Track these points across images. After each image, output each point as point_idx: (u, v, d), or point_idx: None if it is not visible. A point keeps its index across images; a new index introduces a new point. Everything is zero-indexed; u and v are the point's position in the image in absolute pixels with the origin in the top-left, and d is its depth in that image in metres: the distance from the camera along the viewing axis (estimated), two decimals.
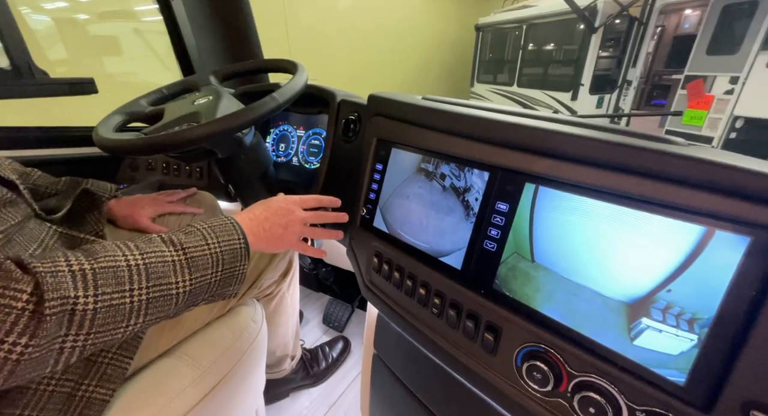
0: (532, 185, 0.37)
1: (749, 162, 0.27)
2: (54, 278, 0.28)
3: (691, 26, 5.55)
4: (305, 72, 0.63)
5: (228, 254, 0.40)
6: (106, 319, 0.31)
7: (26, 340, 0.26)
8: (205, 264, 0.38)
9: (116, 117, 0.60)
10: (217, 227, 0.41)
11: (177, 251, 0.37)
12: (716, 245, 0.26)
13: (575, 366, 0.33)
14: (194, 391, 0.45)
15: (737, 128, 3.52)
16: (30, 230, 0.40)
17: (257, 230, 0.46)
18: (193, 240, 0.39)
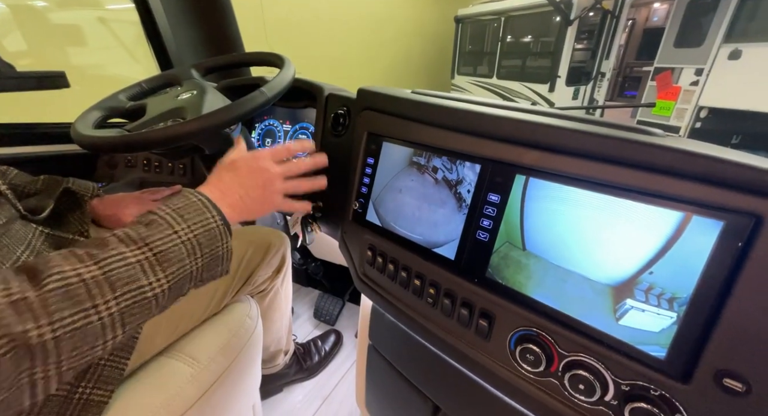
0: (523, 177, 0.38)
1: (720, 151, 0.29)
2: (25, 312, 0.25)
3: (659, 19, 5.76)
4: (292, 66, 0.63)
5: (204, 238, 0.36)
6: (76, 343, 0.28)
7: None
8: (180, 256, 0.34)
9: (94, 113, 0.57)
10: (183, 209, 0.36)
11: (140, 249, 0.32)
12: (693, 230, 0.28)
13: (565, 347, 0.35)
14: (193, 389, 0.45)
15: (702, 117, 3.71)
16: (16, 232, 0.38)
17: (232, 200, 0.41)
18: (158, 232, 0.34)
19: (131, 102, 0.63)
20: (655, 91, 4.06)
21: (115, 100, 0.62)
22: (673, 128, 3.91)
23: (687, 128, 3.80)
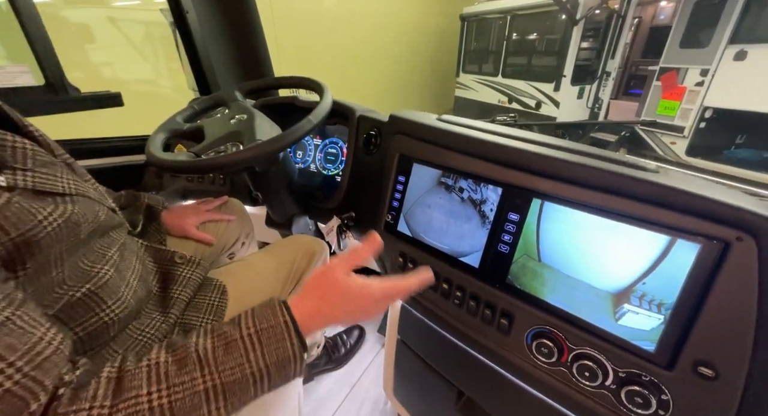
0: (539, 201, 0.46)
1: (701, 187, 0.36)
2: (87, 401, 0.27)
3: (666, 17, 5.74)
4: (330, 92, 0.70)
5: (274, 367, 0.34)
6: None
7: None
8: (245, 386, 0.33)
9: (160, 135, 0.65)
10: (265, 332, 0.35)
11: (211, 376, 0.32)
12: (677, 250, 0.36)
13: (574, 342, 0.43)
14: None
15: (707, 118, 3.74)
16: (129, 247, 0.46)
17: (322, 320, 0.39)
18: (232, 359, 0.33)
19: (188, 124, 0.71)
20: (660, 91, 4.10)
21: (174, 123, 0.70)
22: (677, 127, 3.95)
23: (691, 128, 3.83)
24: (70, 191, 0.36)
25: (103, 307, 0.39)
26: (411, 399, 0.72)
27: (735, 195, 0.35)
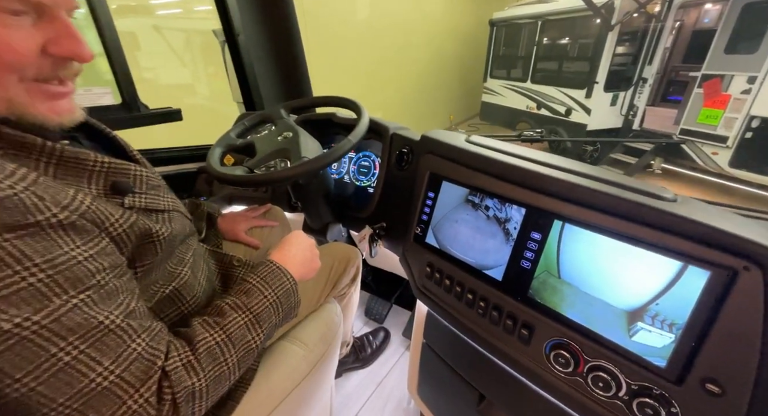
0: (560, 222, 0.50)
1: (713, 217, 0.39)
2: (177, 374, 0.36)
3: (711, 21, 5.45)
4: (366, 112, 0.77)
5: (283, 297, 0.50)
6: (216, 387, 0.40)
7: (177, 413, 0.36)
8: (269, 314, 0.47)
9: (218, 150, 0.74)
10: (268, 277, 0.50)
11: (245, 313, 0.45)
12: (689, 276, 0.39)
13: (590, 354, 0.47)
14: (305, 365, 0.62)
15: (753, 127, 3.53)
16: (198, 251, 0.54)
17: (298, 267, 0.55)
18: (254, 299, 0.47)
19: (240, 139, 0.80)
20: (702, 99, 3.91)
21: (229, 139, 0.79)
22: (719, 137, 3.76)
23: (736, 138, 3.63)
24: (168, 208, 0.45)
25: (183, 302, 0.48)
26: (434, 399, 0.77)
27: (747, 226, 0.38)
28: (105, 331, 0.32)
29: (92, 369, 0.31)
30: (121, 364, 0.33)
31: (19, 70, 0.33)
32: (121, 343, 0.33)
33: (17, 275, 0.28)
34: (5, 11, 0.31)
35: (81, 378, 0.31)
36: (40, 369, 0.29)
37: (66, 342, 0.30)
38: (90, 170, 0.38)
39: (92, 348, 0.31)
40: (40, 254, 0.29)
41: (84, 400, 0.31)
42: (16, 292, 0.28)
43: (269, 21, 1.03)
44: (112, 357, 0.32)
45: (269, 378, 0.58)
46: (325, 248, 0.81)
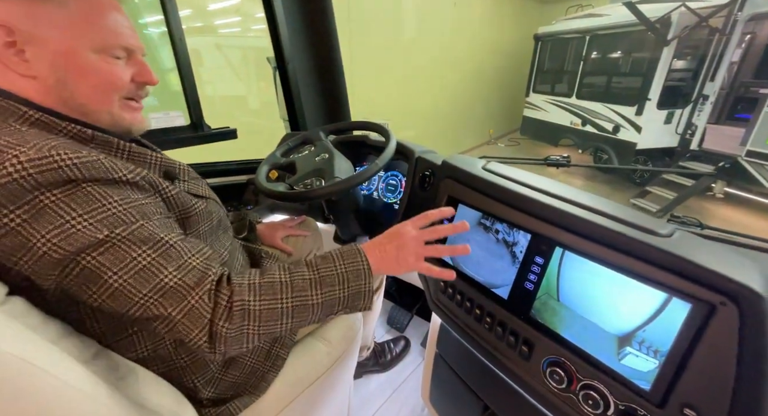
0: (560, 249, 0.54)
1: (703, 253, 0.42)
2: (239, 288, 0.44)
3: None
4: (395, 138, 0.85)
5: (352, 274, 0.50)
6: (268, 317, 0.45)
7: (226, 323, 0.43)
8: (333, 282, 0.49)
9: (265, 167, 0.87)
10: (345, 252, 0.52)
11: (313, 271, 0.49)
12: (672, 307, 0.42)
13: (582, 373, 0.51)
14: (328, 360, 0.71)
15: None
16: (234, 244, 0.66)
17: (377, 253, 0.54)
18: (325, 263, 0.51)
19: (284, 158, 0.92)
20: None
21: (274, 158, 0.91)
22: None
23: None
24: (206, 195, 0.59)
25: None
26: (444, 406, 0.82)
27: (735, 262, 0.41)
28: (167, 245, 0.44)
29: (161, 271, 0.42)
30: (181, 271, 0.43)
31: (120, 92, 0.50)
32: (179, 256, 0.44)
33: (104, 207, 0.41)
34: (112, 55, 0.48)
35: (154, 277, 0.42)
36: (128, 266, 0.41)
37: (141, 250, 0.42)
38: (149, 162, 0.52)
39: (160, 256, 0.43)
40: (118, 195, 0.42)
41: (160, 294, 0.42)
42: (105, 217, 0.40)
43: (315, 52, 1.16)
44: (174, 265, 0.43)
45: (296, 367, 0.67)
46: None
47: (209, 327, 0.43)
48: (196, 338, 0.42)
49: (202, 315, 0.42)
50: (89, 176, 0.40)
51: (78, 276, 0.40)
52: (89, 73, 0.46)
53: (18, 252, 0.38)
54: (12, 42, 0.43)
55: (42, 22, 0.43)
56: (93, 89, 0.47)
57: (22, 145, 0.38)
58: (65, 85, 0.46)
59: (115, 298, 0.41)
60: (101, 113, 0.49)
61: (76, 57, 0.45)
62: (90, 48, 0.46)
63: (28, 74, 0.44)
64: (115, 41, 0.47)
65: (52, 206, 0.38)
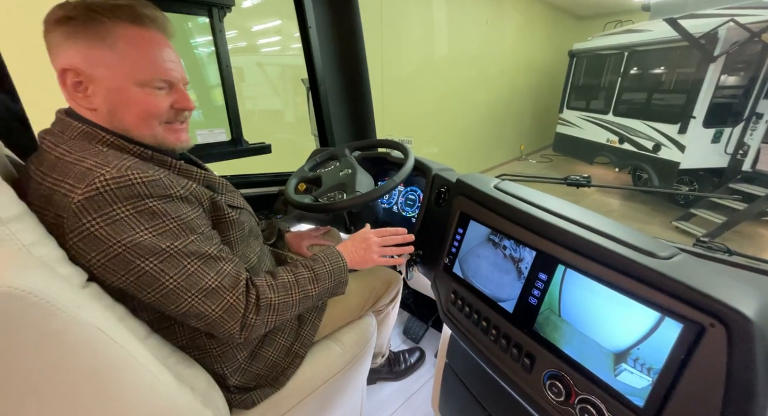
0: (563, 267, 0.57)
1: (696, 276, 0.44)
2: (262, 288, 0.58)
3: None
4: (413, 156, 0.91)
5: (336, 270, 0.69)
6: (283, 308, 0.60)
7: (256, 316, 0.56)
8: (324, 277, 0.67)
9: (293, 181, 0.96)
10: (329, 255, 0.71)
11: (309, 271, 0.66)
12: (665, 327, 0.44)
13: (580, 387, 0.52)
14: (341, 361, 0.76)
15: None
16: (263, 250, 0.75)
17: (349, 254, 0.74)
18: (318, 265, 0.68)
19: (311, 172, 1.00)
20: None
21: (303, 172, 1.00)
22: None
23: None
24: (240, 205, 0.68)
25: None
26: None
27: (728, 285, 0.42)
28: (208, 256, 0.54)
29: (205, 276, 0.53)
30: (220, 275, 0.54)
31: (160, 118, 0.58)
32: (217, 264, 0.55)
33: (164, 223, 0.50)
34: (154, 87, 0.56)
35: (200, 280, 0.52)
36: (180, 272, 0.51)
37: (190, 259, 0.52)
38: (195, 177, 0.61)
39: (204, 265, 0.53)
40: (174, 212, 0.51)
41: (204, 293, 0.52)
42: (165, 231, 0.50)
43: (345, 75, 1.26)
44: (215, 271, 0.54)
45: (313, 366, 0.73)
46: (372, 270, 0.96)
47: (242, 320, 0.55)
48: (231, 329, 0.54)
49: (237, 310, 0.54)
50: (152, 193, 0.50)
51: (140, 277, 0.49)
52: (133, 104, 0.54)
53: (93, 252, 0.47)
54: (79, 81, 0.52)
55: (97, 64, 0.52)
56: (136, 117, 0.55)
57: (106, 165, 0.47)
58: (115, 114, 0.54)
59: (167, 297, 0.51)
60: (145, 137, 0.57)
61: (123, 91, 0.54)
62: (134, 82, 0.54)
63: (90, 107, 0.54)
64: (156, 75, 0.55)
65: (126, 218, 0.47)
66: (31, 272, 0.32)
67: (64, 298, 0.34)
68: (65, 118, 0.54)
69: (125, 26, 0.52)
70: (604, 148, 5.45)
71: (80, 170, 0.47)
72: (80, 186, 0.45)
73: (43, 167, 0.50)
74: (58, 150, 0.50)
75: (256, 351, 0.68)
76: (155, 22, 0.55)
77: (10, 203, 0.43)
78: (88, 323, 0.35)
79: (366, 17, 1.23)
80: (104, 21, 0.51)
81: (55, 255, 0.45)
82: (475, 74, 5.49)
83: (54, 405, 0.35)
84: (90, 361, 0.36)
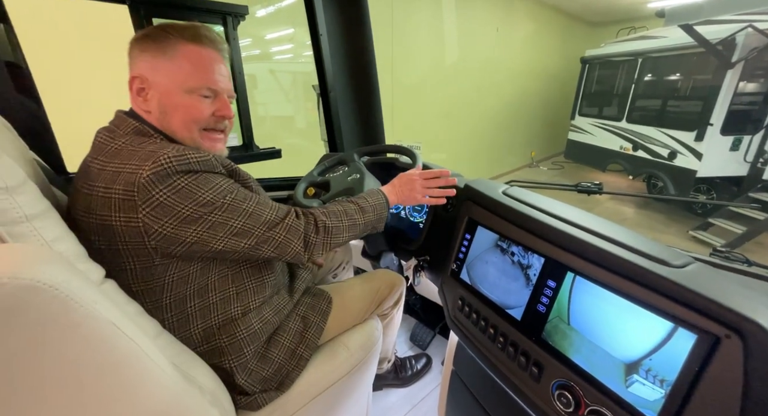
0: (572, 274, 0.56)
1: (711, 286, 0.43)
2: (318, 213, 0.69)
3: None
4: (421, 161, 0.91)
5: (378, 205, 0.78)
6: (335, 232, 0.69)
7: (316, 235, 0.66)
8: (368, 210, 0.76)
9: (303, 185, 0.97)
10: (372, 193, 0.80)
11: (355, 205, 0.76)
12: (678, 337, 0.43)
13: (590, 398, 0.51)
14: (346, 366, 0.76)
15: None
16: None
17: (395, 192, 0.83)
18: (361, 200, 0.77)
19: (320, 177, 1.01)
20: None
21: (312, 176, 1.01)
22: None
23: None
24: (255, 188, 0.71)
25: (269, 273, 0.72)
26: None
27: (744, 295, 0.41)
28: (257, 198, 0.63)
29: (263, 212, 0.63)
30: (273, 209, 0.64)
31: (200, 123, 0.64)
32: (267, 203, 0.65)
33: (218, 185, 0.59)
34: (201, 95, 0.63)
35: (260, 216, 0.62)
36: (242, 214, 0.60)
37: (246, 203, 0.61)
38: None
39: (257, 205, 0.62)
40: (222, 179, 0.60)
41: (267, 225, 0.62)
42: (220, 190, 0.58)
43: (355, 81, 1.28)
44: (268, 207, 0.64)
45: (318, 369, 0.73)
46: (375, 273, 0.96)
47: (304, 238, 0.66)
48: (296, 246, 0.64)
49: (297, 229, 0.65)
50: (205, 168, 0.58)
51: (210, 227, 0.57)
52: (180, 108, 0.62)
53: (165, 217, 0.54)
54: (142, 87, 0.61)
55: (158, 72, 0.61)
56: (181, 120, 0.63)
57: (164, 148, 0.55)
58: (164, 116, 0.62)
59: (237, 235, 0.59)
60: (185, 140, 0.64)
61: (173, 96, 0.61)
62: (184, 89, 0.61)
63: (146, 109, 0.62)
64: (203, 83, 0.62)
65: (187, 186, 0.55)
66: (54, 267, 0.33)
67: (83, 293, 0.35)
68: (123, 115, 0.62)
69: (185, 43, 0.61)
70: (617, 155, 5.36)
71: (144, 153, 0.55)
72: (147, 164, 0.53)
73: (103, 155, 0.57)
74: (118, 142, 0.58)
75: (262, 351, 0.69)
76: (213, 43, 0.64)
77: (35, 202, 0.45)
78: (103, 318, 0.36)
79: (377, 25, 1.25)
80: (171, 38, 0.61)
81: (74, 251, 0.47)
82: (486, 81, 5.49)
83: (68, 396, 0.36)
84: (104, 355, 0.37)
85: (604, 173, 5.79)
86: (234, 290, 0.66)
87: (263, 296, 0.70)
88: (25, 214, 0.42)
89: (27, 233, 0.42)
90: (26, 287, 0.30)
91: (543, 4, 6.15)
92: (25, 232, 0.42)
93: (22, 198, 0.42)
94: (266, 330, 0.70)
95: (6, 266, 0.31)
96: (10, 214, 0.40)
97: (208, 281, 0.63)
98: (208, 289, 0.64)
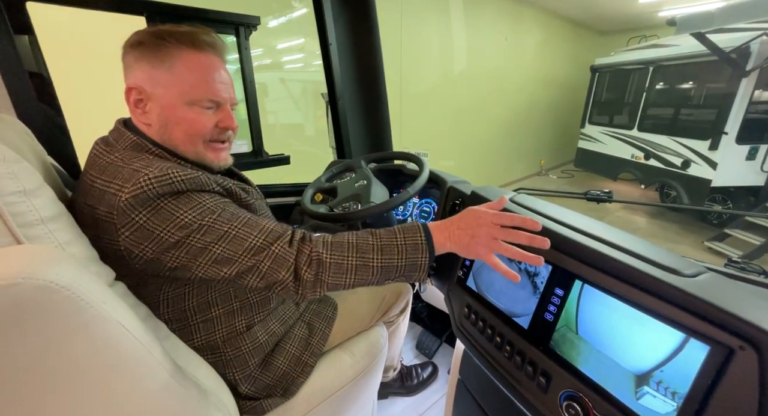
0: (580, 282, 0.55)
1: (724, 297, 0.42)
2: (315, 242, 0.55)
3: None
4: (428, 167, 0.92)
5: (411, 247, 0.56)
6: (336, 270, 0.54)
7: (308, 269, 0.53)
8: (392, 251, 0.56)
9: (310, 191, 0.98)
10: (407, 228, 0.59)
11: (376, 239, 0.57)
12: (690, 348, 0.42)
13: (599, 410, 0.50)
14: (351, 372, 0.76)
15: None
16: None
17: (447, 232, 0.58)
18: (387, 234, 0.58)
19: (328, 183, 1.02)
20: None
21: (319, 182, 1.02)
22: None
23: None
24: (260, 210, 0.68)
25: None
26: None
27: (759, 306, 0.40)
28: (247, 219, 0.56)
29: (249, 236, 0.54)
30: (263, 233, 0.54)
31: (204, 136, 0.62)
32: (257, 225, 0.56)
33: (201, 204, 0.54)
34: (203, 107, 0.60)
35: (244, 241, 0.54)
36: (224, 238, 0.53)
37: (230, 225, 0.54)
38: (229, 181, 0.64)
39: (244, 227, 0.55)
40: (209, 198, 0.55)
41: (251, 252, 0.53)
42: (203, 210, 0.53)
43: (363, 90, 1.30)
44: (257, 230, 0.55)
45: (323, 375, 0.73)
46: None
47: (294, 269, 0.54)
48: (284, 278, 0.53)
49: (285, 259, 0.53)
50: (191, 187, 0.54)
51: (189, 252, 0.52)
52: (182, 122, 0.59)
53: (146, 241, 0.51)
54: (140, 99, 0.58)
55: (156, 84, 0.57)
56: (183, 134, 0.60)
57: (148, 167, 0.52)
58: (165, 130, 0.60)
59: (218, 262, 0.53)
60: (188, 153, 0.62)
61: (174, 109, 0.59)
62: (184, 102, 0.59)
63: (146, 122, 0.60)
64: (205, 95, 0.60)
65: (167, 207, 0.52)
66: (67, 269, 0.34)
67: (93, 294, 0.36)
68: (122, 128, 0.59)
69: (184, 50, 0.58)
70: (628, 164, 5.28)
71: (128, 172, 0.52)
72: (127, 185, 0.50)
73: (94, 169, 0.55)
74: (111, 157, 0.55)
75: (267, 359, 0.69)
76: (213, 47, 0.61)
77: (50, 204, 0.46)
78: (112, 319, 0.37)
79: (386, 34, 1.27)
80: (167, 46, 0.57)
81: (86, 254, 0.49)
82: (494, 89, 5.50)
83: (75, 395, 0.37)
84: (111, 355, 0.38)
85: (615, 181, 5.71)
86: (238, 304, 0.65)
87: (268, 309, 0.70)
88: (41, 217, 0.43)
89: (42, 235, 0.43)
90: (40, 287, 0.31)
91: (552, 13, 6.17)
92: (40, 234, 0.43)
93: (38, 201, 0.44)
94: (272, 342, 0.70)
95: (21, 266, 0.32)
96: (27, 216, 0.42)
97: (208, 298, 0.62)
98: (210, 305, 0.62)
